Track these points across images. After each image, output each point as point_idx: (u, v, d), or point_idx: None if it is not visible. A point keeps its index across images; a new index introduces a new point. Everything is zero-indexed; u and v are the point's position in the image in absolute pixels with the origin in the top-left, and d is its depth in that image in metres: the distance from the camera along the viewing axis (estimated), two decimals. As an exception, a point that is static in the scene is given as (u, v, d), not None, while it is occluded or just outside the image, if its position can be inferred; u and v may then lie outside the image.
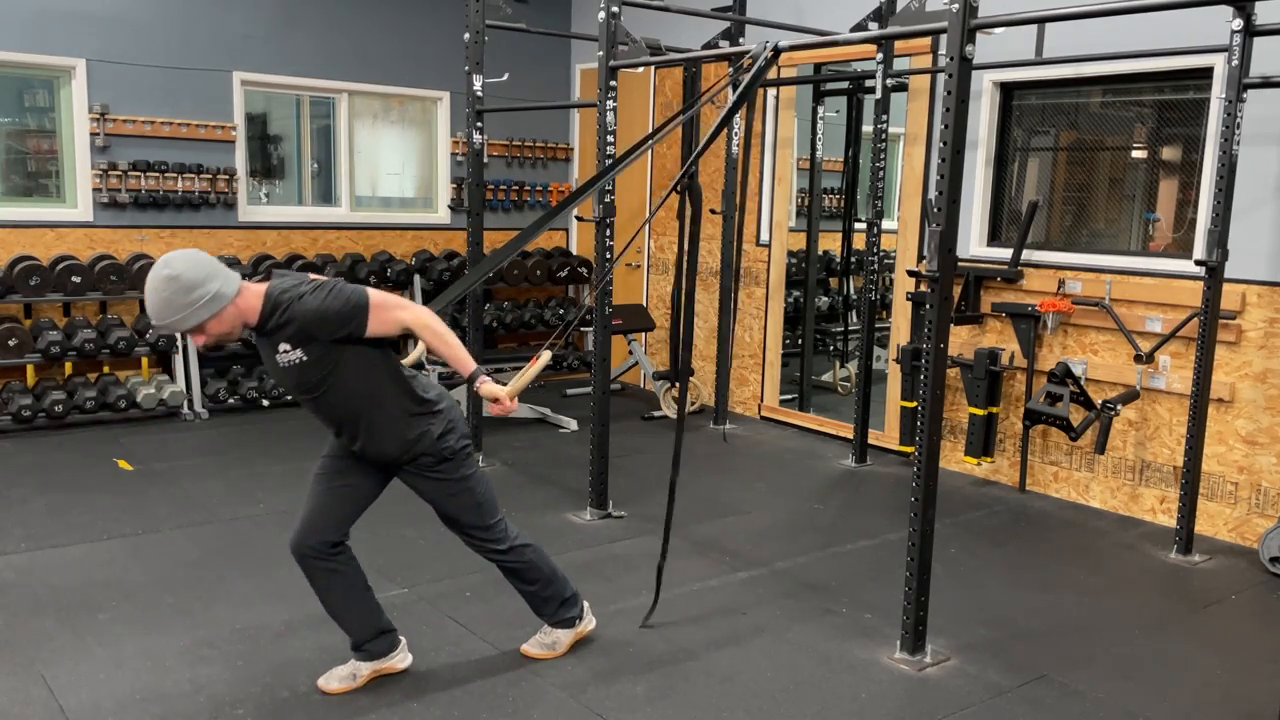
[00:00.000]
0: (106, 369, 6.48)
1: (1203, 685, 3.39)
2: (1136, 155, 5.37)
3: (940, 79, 5.28)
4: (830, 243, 8.00)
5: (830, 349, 8.06)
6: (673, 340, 7.07)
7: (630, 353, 7.44)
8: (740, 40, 6.45)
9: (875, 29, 5.52)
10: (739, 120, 6.66)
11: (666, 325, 7.57)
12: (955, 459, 5.76)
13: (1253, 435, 4.68)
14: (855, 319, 7.66)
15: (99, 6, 6.38)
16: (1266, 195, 4.56)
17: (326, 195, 7.56)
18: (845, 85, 7.29)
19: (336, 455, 3.12)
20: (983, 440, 5.46)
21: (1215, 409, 4.71)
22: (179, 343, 6.53)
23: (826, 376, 7.88)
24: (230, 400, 6.69)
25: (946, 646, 3.58)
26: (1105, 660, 3.54)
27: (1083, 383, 5.10)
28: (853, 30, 5.49)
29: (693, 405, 7.11)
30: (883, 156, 5.71)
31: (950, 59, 3.21)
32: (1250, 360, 4.67)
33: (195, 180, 6.74)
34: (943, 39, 4.64)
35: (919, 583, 3.42)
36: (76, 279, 6.14)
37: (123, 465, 5.46)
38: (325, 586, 3.10)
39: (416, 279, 7.43)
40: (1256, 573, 4.41)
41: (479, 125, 5.49)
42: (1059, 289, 5.28)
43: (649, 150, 7.37)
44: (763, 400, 7.02)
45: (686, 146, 6.94)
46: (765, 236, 6.88)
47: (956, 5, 3.15)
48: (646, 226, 7.80)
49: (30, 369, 6.24)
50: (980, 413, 5.44)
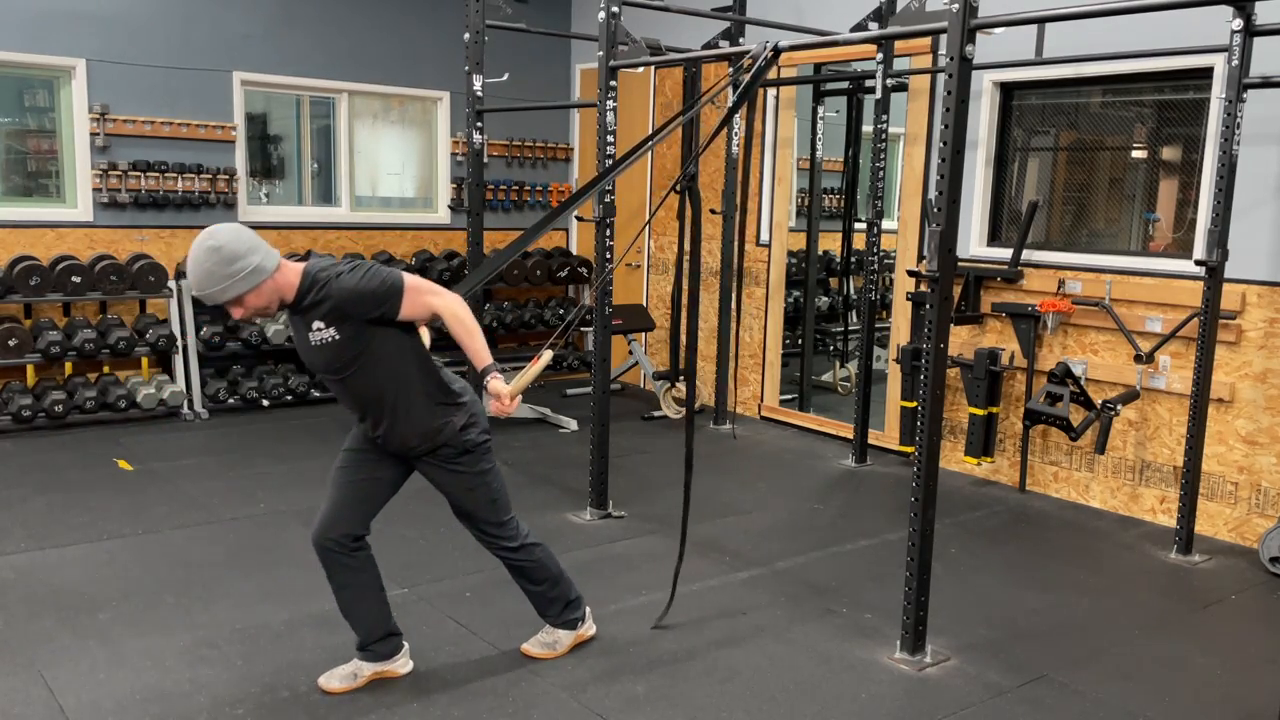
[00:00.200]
0: (106, 369, 6.48)
1: (1203, 685, 3.39)
2: (1136, 155, 5.37)
3: (940, 79, 5.28)
4: (830, 243, 8.00)
5: (830, 349, 8.06)
6: (673, 340, 7.07)
7: (630, 353, 7.45)
8: (740, 40, 6.45)
9: (875, 29, 5.52)
10: (739, 120, 6.66)
11: (666, 325, 7.57)
12: (955, 459, 5.76)
13: (1253, 435, 4.68)
14: (855, 319, 7.66)
15: (99, 6, 6.38)
16: (1266, 195, 4.56)
17: (326, 195, 7.56)
18: (845, 85, 7.29)
19: (357, 448, 3.13)
20: (983, 440, 5.46)
21: (1215, 409, 4.71)
22: (179, 343, 6.53)
23: (826, 376, 7.88)
24: (230, 400, 6.70)
25: (946, 646, 3.58)
26: (1105, 660, 3.54)
27: (1083, 383, 5.10)
28: (853, 30, 5.49)
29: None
30: (883, 156, 5.71)
31: (950, 59, 3.21)
32: (1250, 360, 4.67)
33: (195, 180, 6.74)
34: (943, 39, 4.64)
35: (919, 583, 3.42)
36: (76, 279, 6.14)
37: (123, 465, 5.46)
38: (342, 582, 3.11)
39: (416, 279, 7.42)
40: (1256, 573, 4.41)
41: (479, 125, 5.50)
42: (1059, 289, 5.28)
43: (649, 151, 7.40)
44: (763, 400, 7.02)
45: (686, 147, 6.93)
46: (765, 236, 6.88)
47: (956, 5, 3.15)
48: (647, 228, 7.80)
49: (30, 369, 6.24)
50: (980, 413, 5.44)
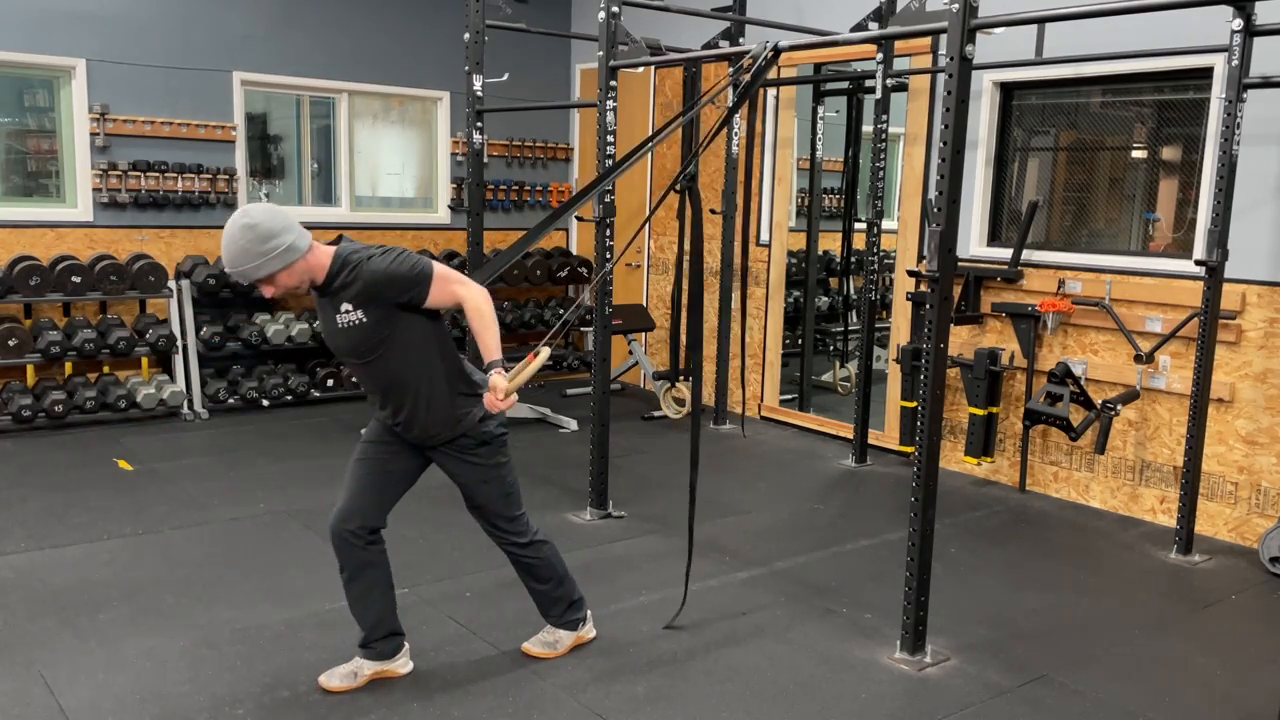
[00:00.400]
0: (106, 369, 6.48)
1: (1203, 685, 3.39)
2: (1136, 155, 5.36)
3: (940, 79, 5.28)
4: (830, 243, 8.00)
5: (830, 349, 8.06)
6: (673, 340, 7.07)
7: (630, 353, 7.45)
8: (740, 40, 6.45)
9: (875, 29, 5.52)
10: (740, 120, 6.66)
11: (666, 325, 7.57)
12: (955, 459, 5.76)
13: (1253, 435, 4.68)
14: (855, 319, 7.66)
15: (99, 6, 6.38)
16: (1266, 195, 4.56)
17: (326, 195, 7.56)
18: (845, 85, 7.29)
19: (376, 440, 3.15)
20: (983, 440, 5.46)
21: (1215, 409, 4.71)
22: (179, 343, 6.53)
23: (826, 376, 7.88)
24: (230, 400, 6.70)
25: (946, 646, 3.58)
26: (1105, 660, 3.54)
27: (1083, 383, 5.10)
28: (853, 30, 5.49)
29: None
30: (883, 156, 5.71)
31: (950, 59, 3.21)
32: (1250, 360, 4.67)
33: (195, 180, 6.74)
34: (943, 39, 4.64)
35: (919, 583, 3.42)
36: (76, 279, 6.14)
37: (123, 465, 5.46)
38: (354, 575, 3.12)
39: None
40: (1256, 573, 4.41)
41: (479, 125, 5.50)
42: (1059, 289, 5.28)
43: (650, 151, 7.40)
44: (763, 400, 7.02)
45: (687, 147, 6.93)
46: (765, 236, 6.88)
47: (956, 5, 3.15)
48: (647, 225, 7.80)
49: (30, 369, 6.24)
50: (980, 413, 5.44)
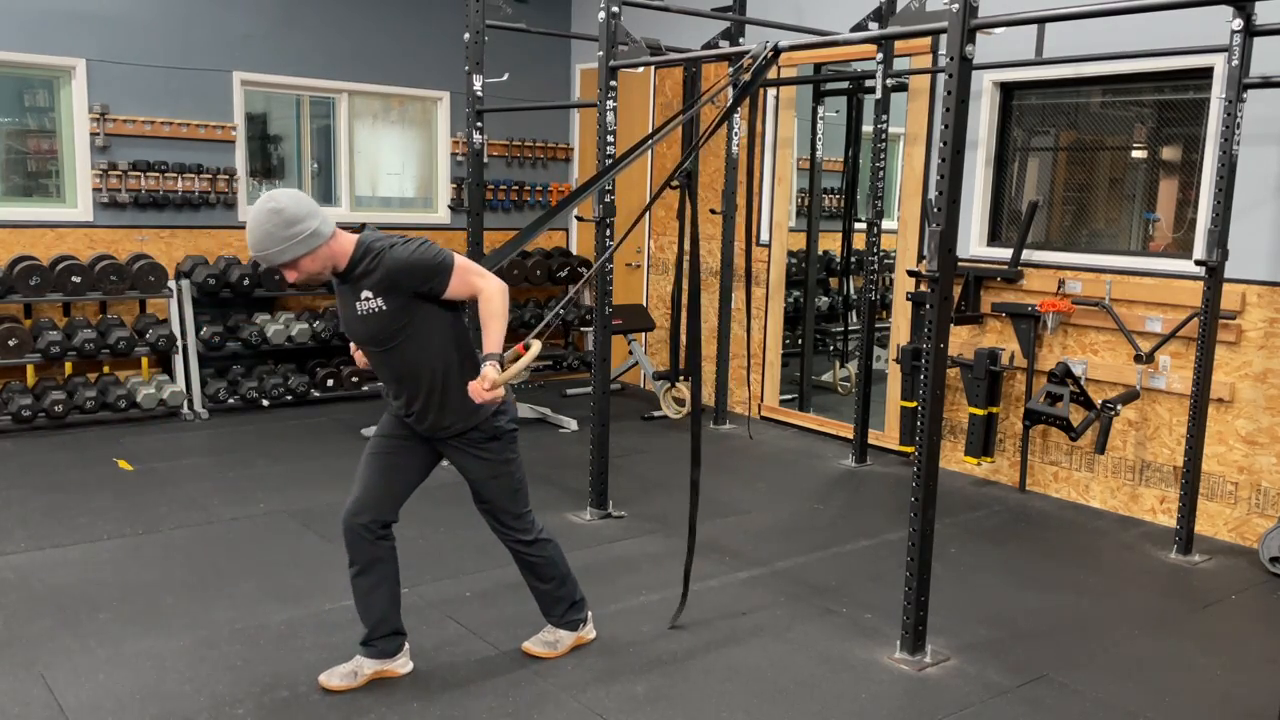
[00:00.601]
0: (106, 369, 6.48)
1: (1203, 685, 3.39)
2: (1136, 155, 5.36)
3: (940, 79, 5.28)
4: (830, 243, 8.00)
5: (830, 349, 8.06)
6: (673, 340, 7.07)
7: (630, 353, 7.45)
8: (740, 40, 6.45)
9: (875, 29, 5.52)
10: (740, 120, 6.66)
11: (666, 325, 7.57)
12: (955, 459, 5.76)
13: (1253, 435, 4.68)
14: (855, 319, 7.66)
15: (99, 6, 6.38)
16: (1266, 195, 4.56)
17: (327, 195, 7.56)
18: (845, 85, 7.29)
19: (389, 434, 3.17)
20: (983, 440, 5.46)
21: (1215, 409, 4.71)
22: (179, 343, 6.53)
23: (826, 376, 7.88)
24: (230, 400, 6.70)
25: (946, 646, 3.58)
26: (1105, 660, 3.54)
27: (1083, 383, 5.10)
28: (853, 30, 5.49)
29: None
30: (883, 156, 5.71)
31: (950, 59, 3.21)
32: (1250, 360, 4.67)
33: (195, 180, 6.74)
34: (943, 39, 4.64)
35: (919, 583, 3.42)
36: (76, 279, 6.14)
37: (123, 465, 5.46)
38: (363, 569, 3.13)
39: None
40: (1256, 573, 4.41)
41: (479, 125, 5.49)
42: (1059, 289, 5.28)
43: (649, 150, 7.40)
44: (763, 400, 7.02)
45: (686, 146, 6.93)
46: (765, 236, 6.88)
47: (956, 5, 3.15)
48: (647, 215, 7.80)
49: (30, 369, 6.24)
50: (980, 413, 5.44)
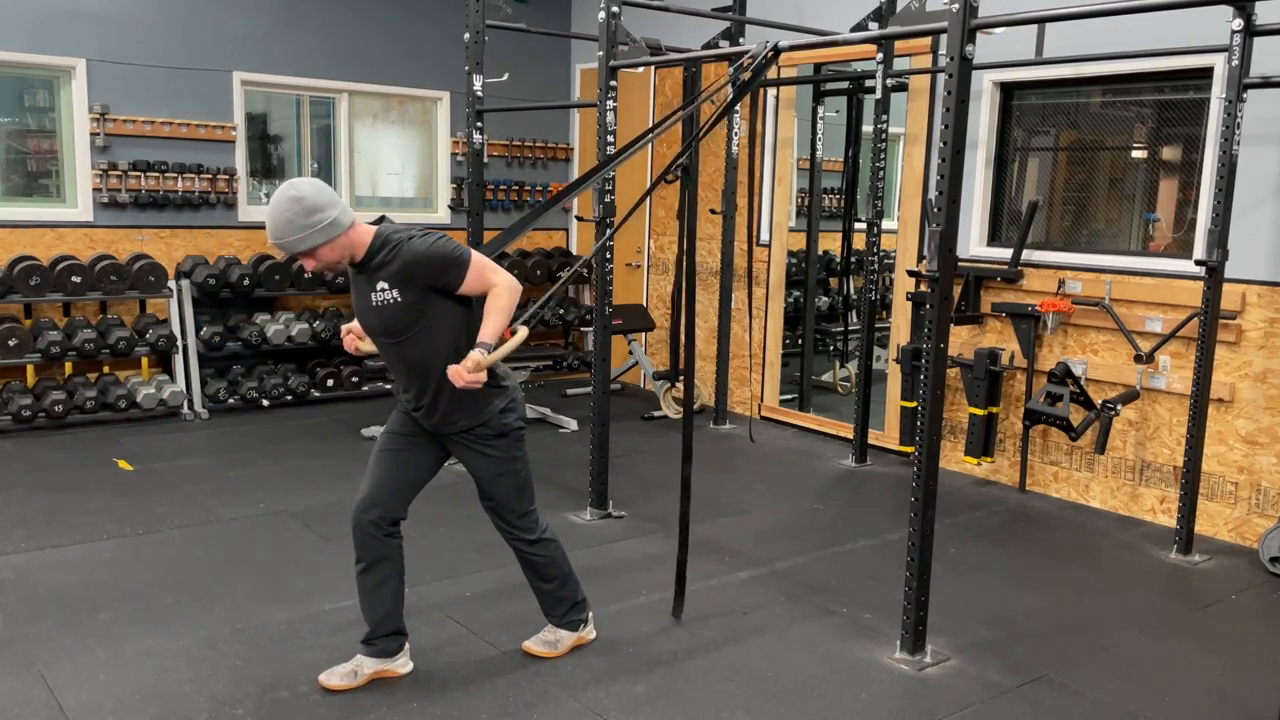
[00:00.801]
0: (106, 369, 6.48)
1: (1203, 685, 3.39)
2: (1136, 155, 5.36)
3: (940, 79, 5.28)
4: (830, 243, 8.00)
5: (830, 349, 8.06)
6: (673, 340, 7.06)
7: (630, 353, 7.45)
8: (740, 40, 6.45)
9: (875, 29, 5.52)
10: (740, 120, 6.66)
11: (666, 325, 7.57)
12: (955, 459, 5.76)
13: (1253, 435, 4.68)
14: (855, 319, 7.66)
15: (99, 6, 6.38)
16: (1266, 195, 4.56)
17: (326, 195, 7.55)
18: (845, 85, 7.29)
19: (398, 431, 3.18)
20: (983, 440, 5.46)
21: (1215, 409, 4.71)
22: (179, 343, 6.53)
23: (826, 376, 7.88)
24: (230, 400, 6.70)
25: (946, 646, 3.58)
26: (1105, 660, 3.54)
27: (1083, 383, 5.10)
28: (853, 30, 5.49)
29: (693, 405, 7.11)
30: (883, 156, 5.71)
31: (950, 59, 3.21)
32: (1250, 360, 4.67)
33: (195, 180, 6.74)
34: (943, 39, 4.64)
35: (919, 583, 3.42)
36: (76, 279, 6.14)
37: (123, 465, 5.46)
38: (369, 567, 3.13)
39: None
40: (1256, 573, 4.41)
41: (479, 125, 5.49)
42: (1059, 289, 5.28)
43: (649, 148, 7.40)
44: (763, 400, 7.02)
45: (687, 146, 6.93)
46: (765, 236, 6.88)
47: (956, 5, 3.15)
48: (647, 216, 7.80)
49: (30, 369, 6.24)
50: (980, 413, 5.44)
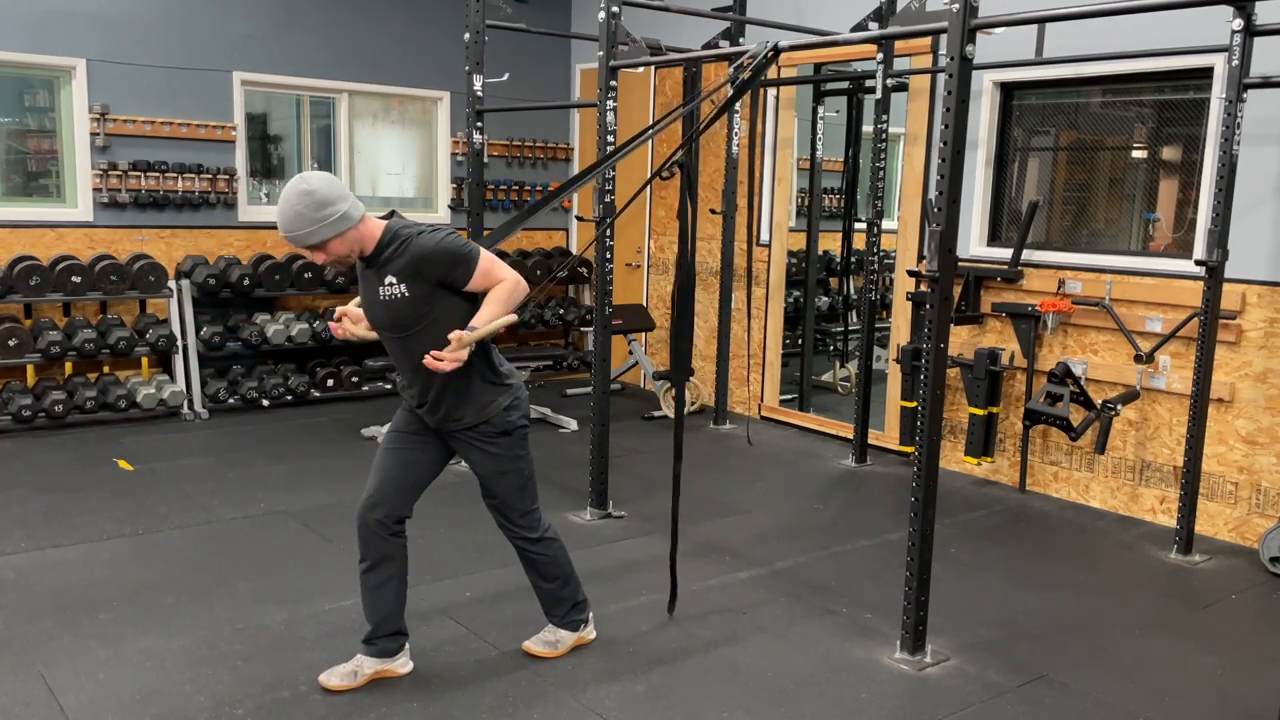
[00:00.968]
0: (106, 369, 6.48)
1: (1203, 685, 3.39)
2: (1136, 155, 5.36)
3: (940, 79, 5.28)
4: (830, 243, 8.00)
5: (830, 349, 8.06)
6: (673, 340, 7.06)
7: (630, 353, 7.45)
8: (740, 40, 6.45)
9: (875, 29, 5.52)
10: (741, 120, 6.66)
11: (666, 325, 7.57)
12: (955, 459, 5.76)
13: (1253, 435, 4.68)
14: (855, 319, 7.66)
15: (99, 6, 6.38)
16: (1266, 195, 4.56)
17: (326, 195, 7.55)
18: (845, 85, 7.29)
19: (403, 429, 3.19)
20: (983, 440, 5.46)
21: (1215, 409, 4.71)
22: (179, 343, 6.53)
23: (826, 376, 7.88)
24: (230, 400, 6.70)
25: (946, 646, 3.58)
26: (1105, 660, 3.54)
27: (1083, 383, 5.10)
28: (853, 30, 5.49)
29: (693, 405, 7.11)
30: (883, 156, 5.71)
31: (950, 59, 3.21)
32: (1250, 360, 4.67)
33: (195, 180, 6.74)
34: (943, 39, 4.64)
35: (919, 583, 3.42)
36: (76, 279, 6.14)
37: (123, 465, 5.46)
38: (373, 565, 3.14)
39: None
40: (1256, 573, 4.41)
41: (479, 125, 5.49)
42: (1059, 289, 5.28)
43: (649, 147, 7.40)
44: (762, 400, 7.02)
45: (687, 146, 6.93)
46: (765, 236, 6.88)
47: (956, 5, 3.15)
48: (647, 218, 7.80)
49: (30, 369, 6.24)
50: (980, 413, 5.44)
